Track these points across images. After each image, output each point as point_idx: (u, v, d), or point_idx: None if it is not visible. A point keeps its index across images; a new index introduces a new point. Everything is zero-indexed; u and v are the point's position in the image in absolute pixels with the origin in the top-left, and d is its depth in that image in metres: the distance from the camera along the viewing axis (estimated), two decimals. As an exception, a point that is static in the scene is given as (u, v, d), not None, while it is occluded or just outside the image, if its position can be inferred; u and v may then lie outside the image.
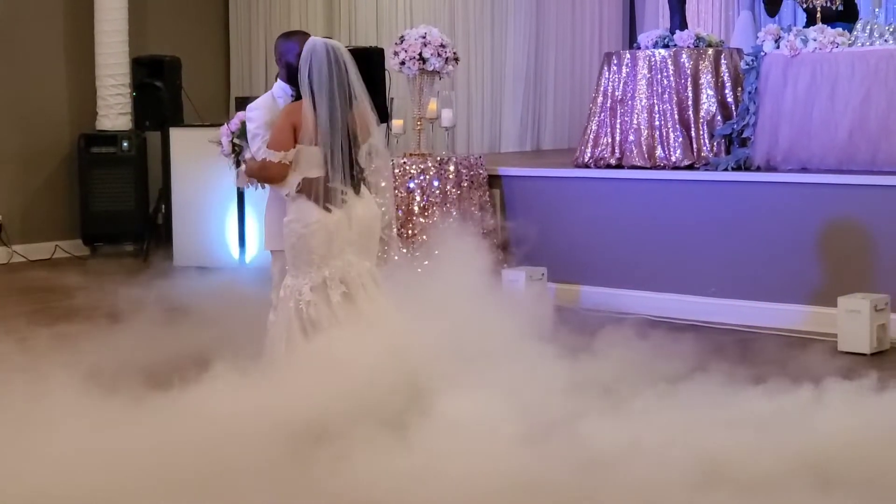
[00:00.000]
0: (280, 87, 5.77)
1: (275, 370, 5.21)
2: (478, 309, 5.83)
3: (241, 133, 5.69)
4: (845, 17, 8.93)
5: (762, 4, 10.63)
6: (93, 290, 9.14)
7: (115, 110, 11.84)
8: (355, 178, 5.50)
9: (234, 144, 5.73)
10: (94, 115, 11.89)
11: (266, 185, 5.62)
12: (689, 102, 8.85)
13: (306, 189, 5.44)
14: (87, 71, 11.87)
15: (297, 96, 5.51)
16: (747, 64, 8.52)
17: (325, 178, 5.45)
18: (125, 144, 11.63)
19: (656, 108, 8.91)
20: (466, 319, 5.65)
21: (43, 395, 4.95)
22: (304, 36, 5.86)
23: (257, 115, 5.61)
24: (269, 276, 5.89)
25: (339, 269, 5.46)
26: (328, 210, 5.44)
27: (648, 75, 8.96)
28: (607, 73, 9.22)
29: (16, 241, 11.36)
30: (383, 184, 5.89)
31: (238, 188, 5.98)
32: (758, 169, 8.34)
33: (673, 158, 8.80)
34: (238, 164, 5.80)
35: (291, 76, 5.71)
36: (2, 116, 11.40)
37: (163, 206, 11.30)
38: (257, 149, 5.55)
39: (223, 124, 5.84)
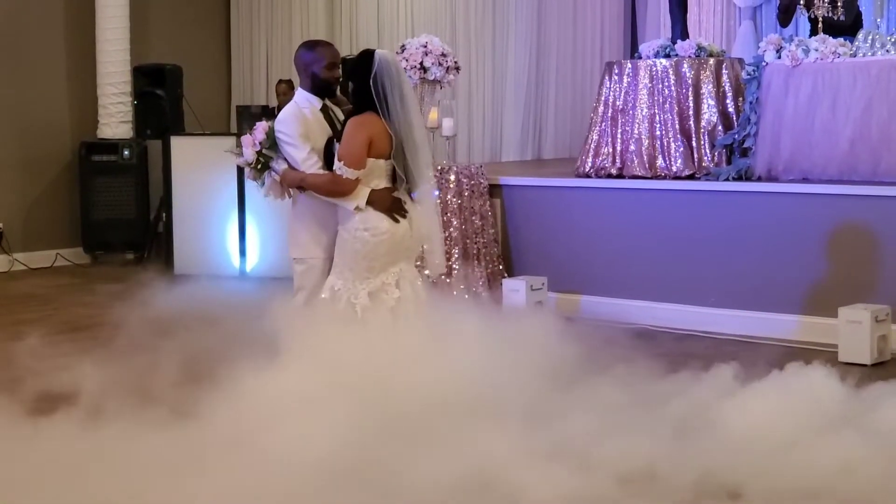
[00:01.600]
0: (305, 98, 5.70)
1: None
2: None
3: (272, 144, 5.65)
4: (852, 29, 8.92)
5: (772, 15, 10.63)
6: (91, 299, 9.14)
7: (116, 118, 11.85)
8: (415, 187, 5.61)
9: (260, 154, 5.68)
10: (95, 124, 11.90)
11: (331, 198, 5.54)
12: (690, 112, 8.85)
13: (376, 201, 5.49)
14: (89, 79, 11.88)
15: (356, 109, 5.50)
16: (748, 74, 8.51)
17: (391, 189, 5.54)
18: (126, 153, 11.64)
19: (657, 117, 8.91)
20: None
21: None
22: (328, 46, 5.84)
23: (290, 129, 5.57)
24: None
25: (395, 275, 5.57)
26: (396, 220, 5.53)
27: (649, 85, 8.96)
28: (608, 82, 9.21)
29: (16, 249, 11.36)
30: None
31: (265, 196, 5.90)
32: (759, 179, 8.33)
33: (674, 168, 8.79)
34: (260, 176, 5.74)
35: (318, 87, 5.68)
36: (3, 124, 11.41)
37: (163, 215, 11.29)
38: (303, 160, 5.53)
39: (245, 134, 5.78)
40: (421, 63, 8.76)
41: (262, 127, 5.70)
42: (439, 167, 8.93)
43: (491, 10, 12.50)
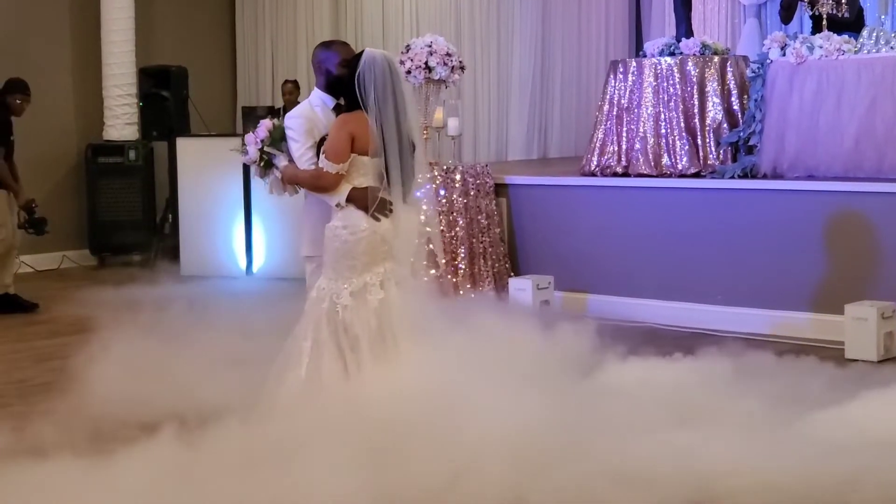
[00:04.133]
0: (318, 97, 5.73)
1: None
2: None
3: (273, 141, 5.67)
4: (854, 26, 8.92)
5: (777, 12, 10.63)
6: (97, 301, 9.14)
7: (121, 120, 11.87)
8: (407, 188, 5.52)
9: (262, 152, 5.71)
10: (101, 126, 11.92)
11: (316, 193, 5.54)
12: (696, 110, 8.85)
13: (356, 198, 5.43)
14: (94, 81, 11.90)
15: (348, 106, 5.47)
16: (753, 71, 8.51)
17: (375, 188, 5.46)
18: (132, 154, 11.65)
19: (662, 116, 8.91)
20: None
21: None
22: (343, 45, 5.85)
23: (297, 125, 5.59)
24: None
25: (379, 276, 5.48)
26: (377, 219, 5.45)
27: (654, 83, 8.96)
28: (613, 81, 9.22)
29: (23, 251, 11.31)
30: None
31: (271, 194, 5.94)
32: (764, 176, 8.33)
33: (679, 166, 8.79)
34: (265, 173, 5.78)
35: (330, 85, 5.68)
36: (9, 126, 11.42)
37: (170, 216, 11.32)
38: (300, 156, 5.55)
39: (248, 132, 5.81)
40: (426, 63, 8.76)
41: (265, 125, 5.73)
42: (445, 167, 8.95)
43: (496, 9, 12.52)
